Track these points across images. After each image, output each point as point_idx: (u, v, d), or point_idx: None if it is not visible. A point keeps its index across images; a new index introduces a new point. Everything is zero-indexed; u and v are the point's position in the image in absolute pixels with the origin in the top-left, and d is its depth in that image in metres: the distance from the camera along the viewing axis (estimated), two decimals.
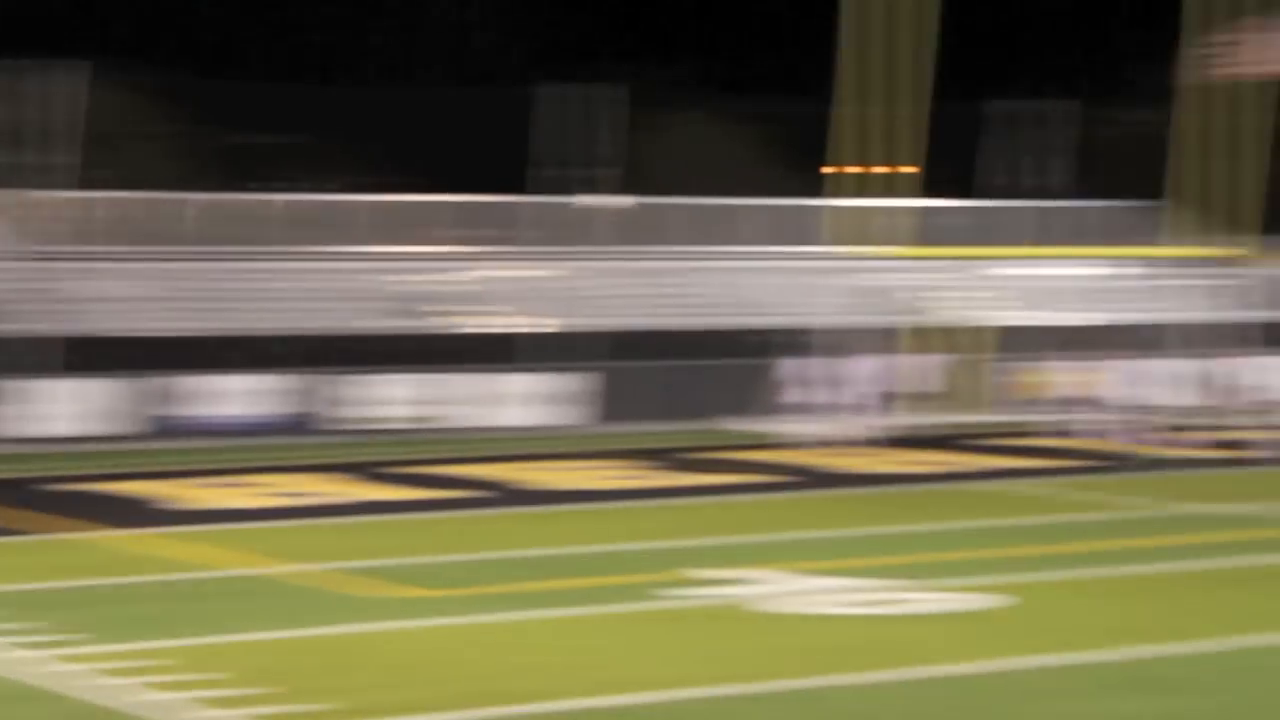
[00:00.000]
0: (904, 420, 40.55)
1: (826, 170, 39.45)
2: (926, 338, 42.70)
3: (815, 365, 36.98)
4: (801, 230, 52.72)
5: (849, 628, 18.69)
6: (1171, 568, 22.50)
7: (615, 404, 42.64)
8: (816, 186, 51.66)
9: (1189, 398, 40.74)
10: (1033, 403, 40.83)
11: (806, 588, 20.64)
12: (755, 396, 40.49)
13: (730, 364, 43.48)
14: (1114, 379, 36.01)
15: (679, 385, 43.39)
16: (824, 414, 36.85)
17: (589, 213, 52.03)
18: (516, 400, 42.84)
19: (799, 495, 30.16)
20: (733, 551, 23.63)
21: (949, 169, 66.35)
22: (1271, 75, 54.32)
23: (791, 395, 36.74)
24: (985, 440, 38.77)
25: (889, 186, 47.56)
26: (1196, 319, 49.44)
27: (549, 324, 45.36)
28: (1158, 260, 54.72)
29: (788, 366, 37.07)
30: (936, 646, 17.53)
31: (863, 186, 40.72)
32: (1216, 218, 58.99)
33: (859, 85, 39.77)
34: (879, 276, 50.92)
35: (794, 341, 42.01)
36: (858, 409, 38.11)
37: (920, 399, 40.57)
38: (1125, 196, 66.63)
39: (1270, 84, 46.55)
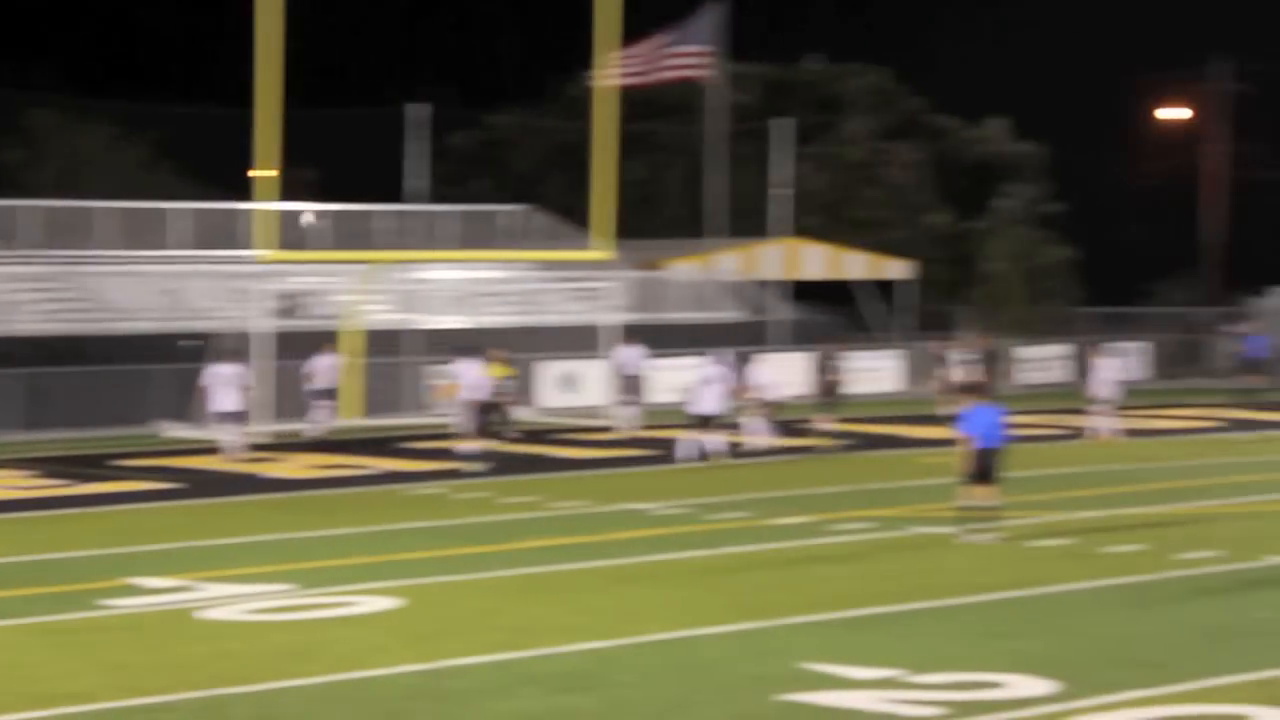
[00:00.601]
0: (322, 424, 41.41)
1: (252, 174, 39.93)
2: (346, 341, 43.45)
3: (221, 372, 37.13)
4: (230, 235, 53.25)
5: (252, 634, 18.91)
6: (571, 567, 23.22)
7: (38, 410, 41.74)
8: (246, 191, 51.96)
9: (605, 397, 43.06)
10: (443, 405, 42.21)
11: (206, 596, 20.88)
12: (186, 402, 40.78)
13: (163, 369, 43.18)
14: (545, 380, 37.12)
15: (106, 391, 42.65)
16: (236, 420, 37.25)
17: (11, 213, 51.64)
18: None
19: (198, 503, 30.12)
20: (135, 560, 23.75)
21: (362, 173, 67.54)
22: (659, 84, 57.18)
23: (216, 401, 36.98)
24: (395, 444, 39.57)
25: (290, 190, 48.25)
26: (567, 321, 51.72)
27: None
28: (530, 264, 56.71)
29: (213, 372, 37.24)
30: (338, 651, 17.92)
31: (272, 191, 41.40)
32: (578, 222, 61.71)
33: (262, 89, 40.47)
34: (303, 281, 51.73)
35: (222, 346, 42.40)
36: (260, 415, 38.90)
37: (319, 403, 41.40)
38: (486, 200, 68.83)
39: (622, 93, 48.85)
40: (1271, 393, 51.21)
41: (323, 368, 41.45)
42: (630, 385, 42.63)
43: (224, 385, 36.90)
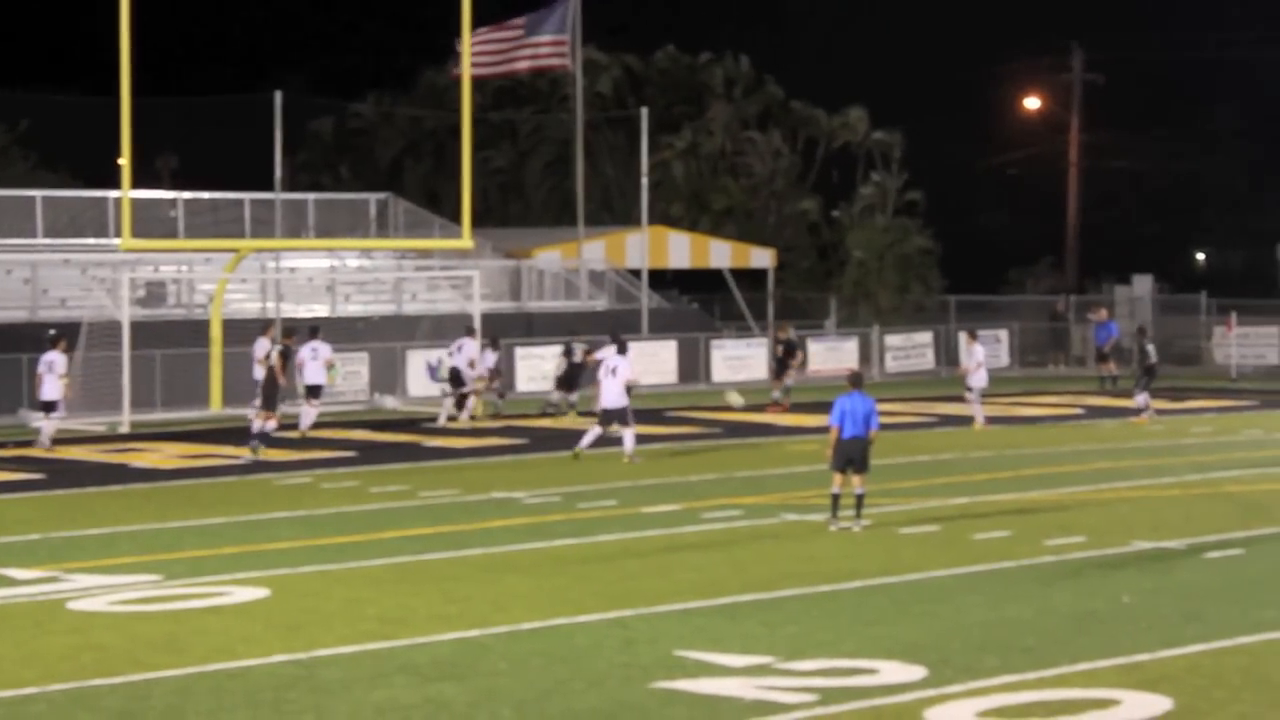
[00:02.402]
0: (170, 415, 41.10)
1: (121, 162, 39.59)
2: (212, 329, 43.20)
3: (47, 360, 36.52)
4: (94, 224, 52.67)
5: (121, 625, 18.78)
6: (441, 556, 23.16)
7: None
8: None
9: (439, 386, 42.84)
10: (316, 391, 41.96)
11: (74, 588, 20.72)
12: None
13: (29, 359, 42.56)
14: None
15: None
16: (49, 410, 36.65)
17: None
18: None
19: (66, 493, 29.91)
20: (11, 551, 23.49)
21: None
22: (516, 73, 57.10)
23: (43, 390, 36.48)
24: (273, 433, 39.37)
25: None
26: (436, 310, 51.63)
27: None
28: (391, 252, 56.50)
29: (44, 360, 36.72)
30: (208, 641, 17.86)
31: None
32: (441, 210, 61.54)
33: None
34: (162, 271, 51.32)
35: (90, 337, 41.95)
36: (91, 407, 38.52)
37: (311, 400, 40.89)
38: (348, 189, 68.46)
39: (486, 82, 48.83)
40: (1124, 380, 51.92)
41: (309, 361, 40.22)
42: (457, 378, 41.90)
43: (48, 374, 36.34)
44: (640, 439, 35.13)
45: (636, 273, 57.57)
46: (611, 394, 34.28)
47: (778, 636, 18.17)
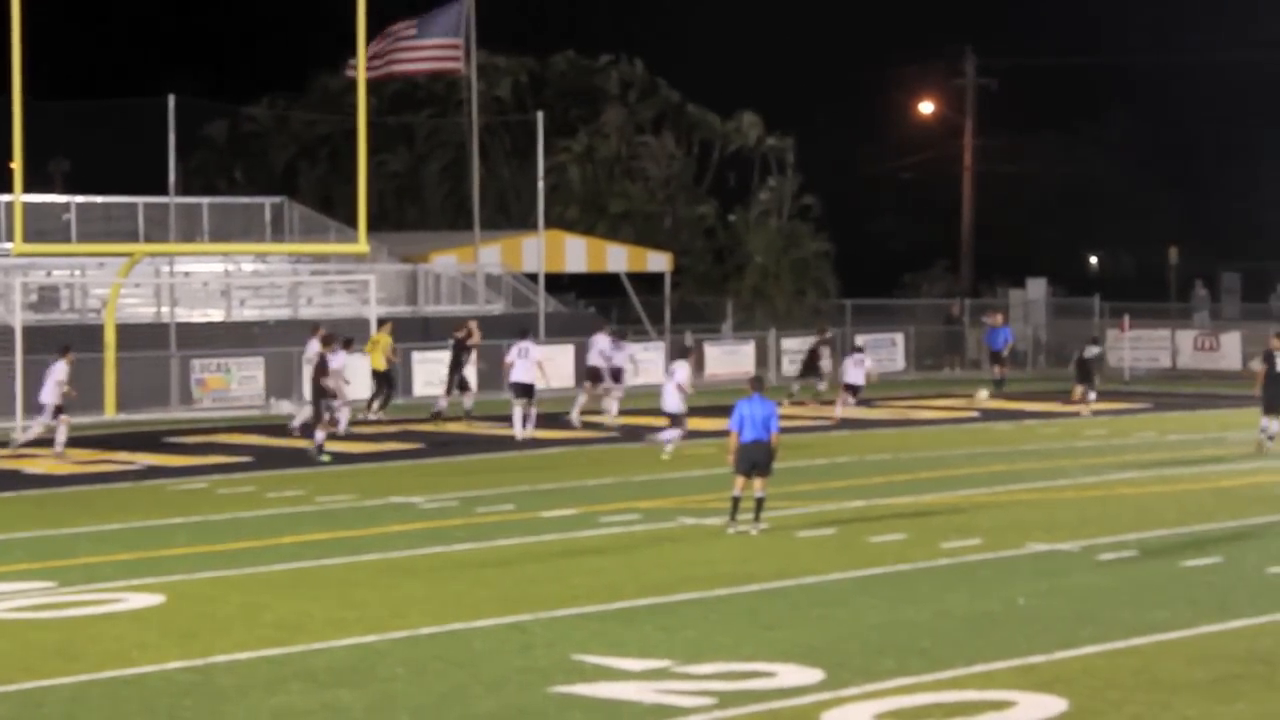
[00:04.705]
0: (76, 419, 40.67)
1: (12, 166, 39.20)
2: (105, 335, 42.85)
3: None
4: None
5: (12, 632, 18.64)
6: (338, 561, 23.11)
7: None
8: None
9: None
10: (210, 398, 41.59)
11: None
12: None
13: None
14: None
15: None
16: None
17: None
18: None
19: None
20: None
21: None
22: (409, 75, 56.92)
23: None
24: (159, 438, 39.27)
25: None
26: (332, 314, 51.40)
27: None
28: (286, 256, 56.23)
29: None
30: (102, 648, 17.72)
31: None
32: (335, 214, 61.30)
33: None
34: (54, 275, 50.86)
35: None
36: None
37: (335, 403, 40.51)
38: (241, 193, 68.05)
39: (381, 85, 48.70)
40: (1012, 383, 52.35)
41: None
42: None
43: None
44: (538, 444, 34.90)
45: (533, 276, 57.52)
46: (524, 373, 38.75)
47: (676, 640, 18.21)
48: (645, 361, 54.20)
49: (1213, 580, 21.85)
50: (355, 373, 41.36)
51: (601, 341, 43.28)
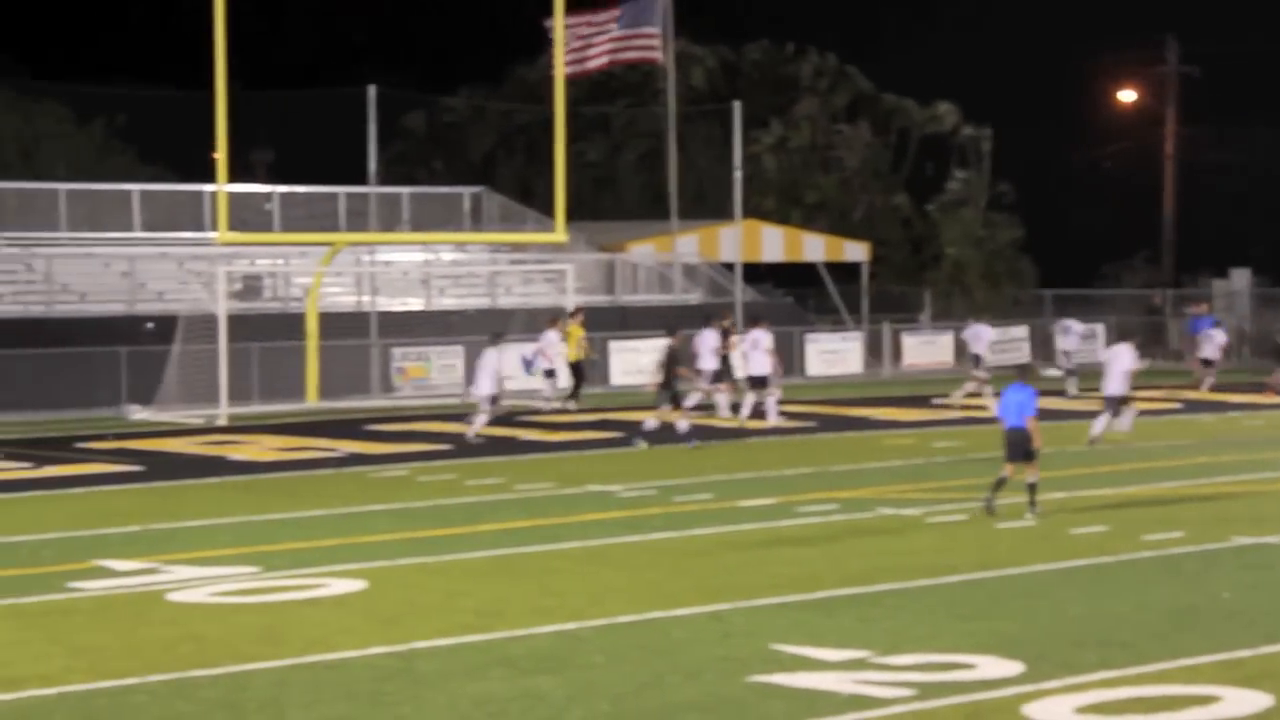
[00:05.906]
0: (270, 407, 41.35)
1: (215, 156, 39.84)
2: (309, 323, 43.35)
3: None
4: (189, 218, 53.10)
5: (220, 616, 18.84)
6: (537, 549, 23.14)
7: None
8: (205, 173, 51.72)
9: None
10: (411, 386, 41.96)
11: (174, 579, 20.81)
12: (149, 384, 40.62)
13: (125, 351, 43.03)
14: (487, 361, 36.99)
15: (67, 373, 42.58)
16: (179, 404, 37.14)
17: None
18: None
19: (165, 485, 30.13)
20: (103, 543, 23.70)
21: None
22: (609, 66, 57.09)
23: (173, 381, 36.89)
24: (360, 426, 39.66)
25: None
26: (530, 303, 51.73)
27: None
28: (485, 246, 56.60)
29: (175, 354, 37.06)
30: (306, 633, 17.87)
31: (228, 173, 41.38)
32: (534, 204, 61.63)
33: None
34: (258, 264, 51.60)
35: (188, 330, 42.26)
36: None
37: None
38: (440, 183, 68.59)
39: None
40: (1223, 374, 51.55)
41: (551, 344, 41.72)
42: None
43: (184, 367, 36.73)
44: (736, 432, 34.88)
45: (730, 266, 57.51)
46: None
47: (874, 631, 18.11)
48: (841, 351, 54.06)
49: None
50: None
51: (711, 339, 39.92)
